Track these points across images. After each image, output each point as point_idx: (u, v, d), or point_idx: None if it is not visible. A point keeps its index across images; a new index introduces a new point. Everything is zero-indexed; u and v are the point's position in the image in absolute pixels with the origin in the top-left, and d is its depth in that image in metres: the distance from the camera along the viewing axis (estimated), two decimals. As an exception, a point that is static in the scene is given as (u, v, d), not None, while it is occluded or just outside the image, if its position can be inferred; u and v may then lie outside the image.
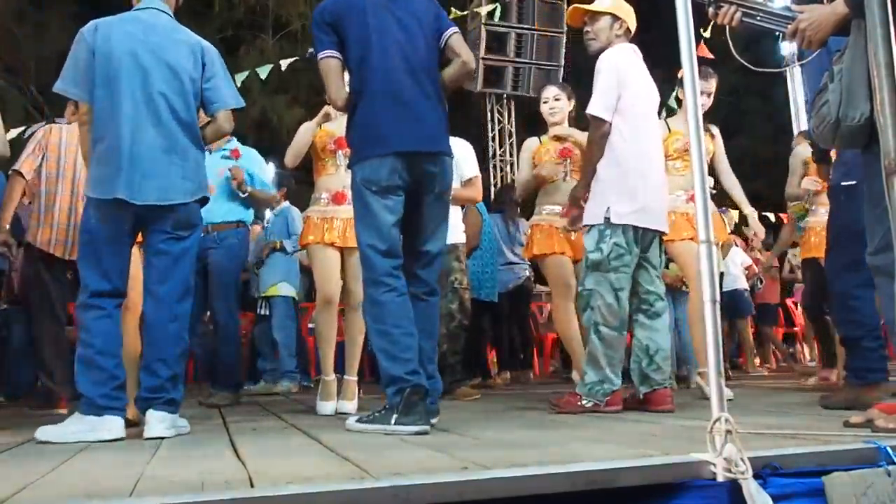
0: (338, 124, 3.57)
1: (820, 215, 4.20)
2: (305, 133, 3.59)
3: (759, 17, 2.23)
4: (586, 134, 3.65)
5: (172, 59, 2.68)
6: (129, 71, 2.61)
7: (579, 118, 3.61)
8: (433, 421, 2.58)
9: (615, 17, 3.21)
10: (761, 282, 7.43)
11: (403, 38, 2.64)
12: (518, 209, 5.98)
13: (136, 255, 3.43)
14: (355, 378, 3.50)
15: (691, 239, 3.70)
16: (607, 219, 3.03)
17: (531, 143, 4.18)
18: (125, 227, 2.62)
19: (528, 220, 4.39)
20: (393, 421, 2.38)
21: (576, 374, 3.90)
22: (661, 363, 3.07)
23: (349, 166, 2.70)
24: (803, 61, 2.62)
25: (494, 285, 5.50)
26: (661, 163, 3.28)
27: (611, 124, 3.08)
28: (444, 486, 1.39)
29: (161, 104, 2.63)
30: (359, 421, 2.51)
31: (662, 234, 3.23)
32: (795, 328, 8.69)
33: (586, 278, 3.10)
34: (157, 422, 2.52)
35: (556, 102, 4.04)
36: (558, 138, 4.02)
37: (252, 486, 1.44)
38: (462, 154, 4.20)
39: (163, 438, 2.44)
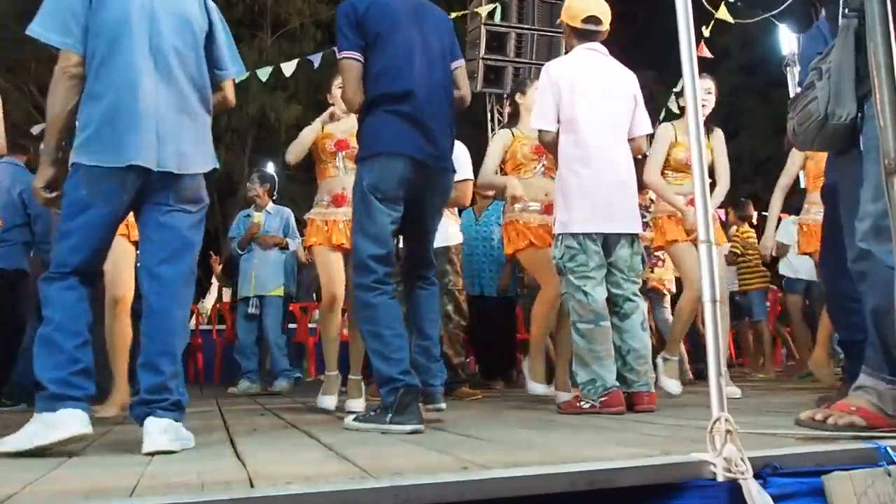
0: (339, 127, 3.63)
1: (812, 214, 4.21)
2: (309, 133, 3.64)
3: None
4: None
5: (182, 8, 2.31)
6: (136, 17, 2.21)
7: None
8: (442, 406, 2.71)
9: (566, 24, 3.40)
10: None
11: (427, 55, 2.72)
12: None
13: (127, 248, 3.27)
14: (360, 377, 3.55)
15: (684, 241, 3.89)
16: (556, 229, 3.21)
17: (504, 135, 4.00)
18: (123, 201, 2.20)
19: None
20: (388, 420, 2.44)
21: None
22: (634, 363, 3.13)
23: (357, 160, 2.73)
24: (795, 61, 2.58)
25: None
26: (618, 162, 3.22)
27: (554, 132, 3.22)
28: (444, 486, 1.39)
29: (172, 58, 2.25)
30: (356, 419, 2.57)
31: (634, 235, 3.24)
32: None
33: (560, 285, 3.23)
34: (159, 432, 2.06)
35: None
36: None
37: (252, 486, 1.44)
38: (456, 155, 4.18)
39: (169, 453, 2.03)
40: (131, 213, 2.37)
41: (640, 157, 3.62)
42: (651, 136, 3.82)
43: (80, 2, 2.18)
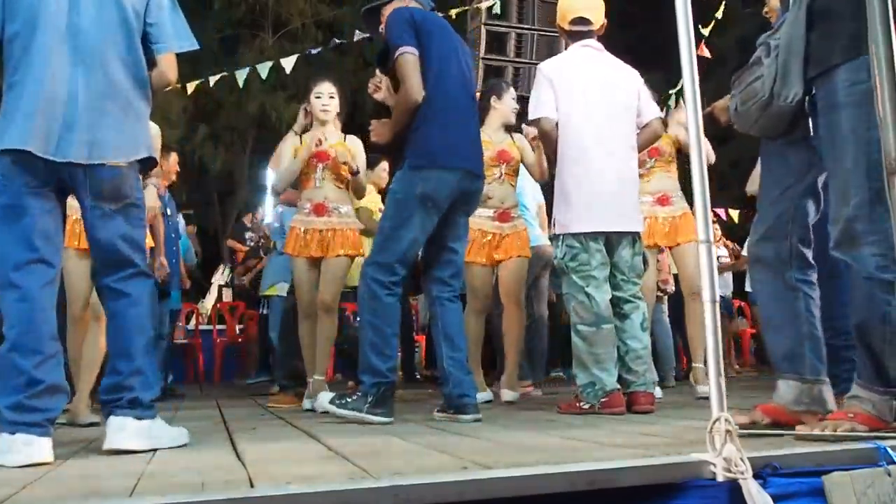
0: (314, 137, 3.69)
1: None
2: (295, 163, 3.66)
3: None
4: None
5: None
6: None
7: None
8: (479, 416, 2.76)
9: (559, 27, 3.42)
10: None
11: (464, 71, 2.97)
12: None
13: (76, 261, 3.08)
14: (324, 377, 3.66)
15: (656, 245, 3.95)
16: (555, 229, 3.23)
17: None
18: (48, 182, 2.04)
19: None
20: (365, 408, 2.62)
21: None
22: (632, 364, 3.11)
23: (410, 167, 2.80)
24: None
25: None
26: (618, 159, 3.18)
27: (548, 119, 3.20)
28: (444, 486, 1.39)
29: (94, 38, 2.06)
30: (331, 402, 2.69)
31: (635, 234, 3.22)
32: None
33: (562, 285, 3.23)
34: (116, 430, 1.99)
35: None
36: (507, 128, 3.95)
37: (252, 486, 1.44)
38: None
39: (131, 452, 1.98)
40: (80, 222, 2.32)
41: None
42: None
43: None
